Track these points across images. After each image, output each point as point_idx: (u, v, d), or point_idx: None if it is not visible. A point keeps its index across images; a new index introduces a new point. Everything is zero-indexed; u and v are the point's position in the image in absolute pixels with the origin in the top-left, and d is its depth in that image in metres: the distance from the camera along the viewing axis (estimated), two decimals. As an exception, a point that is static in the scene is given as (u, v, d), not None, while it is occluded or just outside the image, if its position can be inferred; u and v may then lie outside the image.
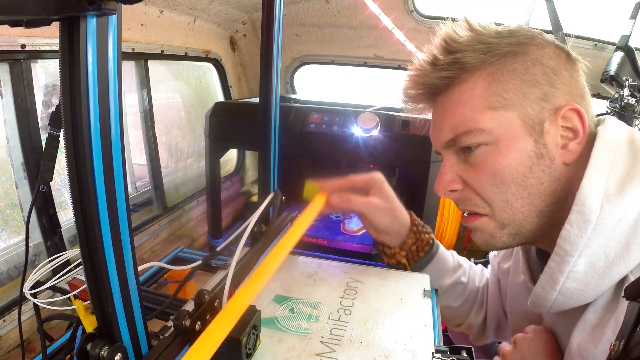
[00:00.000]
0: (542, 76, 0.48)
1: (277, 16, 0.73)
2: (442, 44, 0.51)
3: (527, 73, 0.48)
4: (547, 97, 0.48)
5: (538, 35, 0.51)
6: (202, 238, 1.55)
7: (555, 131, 0.48)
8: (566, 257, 0.45)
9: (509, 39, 0.49)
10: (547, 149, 0.48)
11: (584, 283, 0.45)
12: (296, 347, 0.51)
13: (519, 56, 0.48)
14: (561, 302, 0.47)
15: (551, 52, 0.49)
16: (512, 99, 0.48)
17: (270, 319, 0.56)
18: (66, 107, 0.32)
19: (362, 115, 1.18)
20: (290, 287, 0.64)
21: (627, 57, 1.22)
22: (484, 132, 0.48)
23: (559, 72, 0.48)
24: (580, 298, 0.46)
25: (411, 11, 1.46)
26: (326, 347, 0.51)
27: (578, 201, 0.44)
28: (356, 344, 0.52)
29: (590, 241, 0.44)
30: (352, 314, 0.58)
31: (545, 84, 0.48)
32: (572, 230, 0.44)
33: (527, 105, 0.48)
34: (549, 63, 0.48)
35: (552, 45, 0.50)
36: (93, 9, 0.28)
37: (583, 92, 0.50)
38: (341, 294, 0.62)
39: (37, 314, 0.49)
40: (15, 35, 0.79)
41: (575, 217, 0.44)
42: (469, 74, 0.49)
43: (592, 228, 0.43)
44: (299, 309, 0.58)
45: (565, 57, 0.50)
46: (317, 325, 0.55)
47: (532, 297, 0.51)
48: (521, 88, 0.48)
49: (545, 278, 0.48)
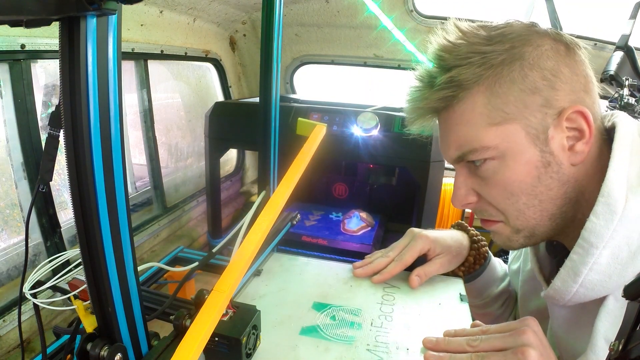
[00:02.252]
0: (542, 81, 0.46)
1: (277, 16, 0.73)
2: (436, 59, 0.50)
3: (525, 81, 0.46)
4: (549, 102, 0.46)
5: (533, 33, 0.48)
6: (202, 238, 1.55)
7: (560, 135, 0.47)
8: (591, 249, 0.45)
9: (502, 44, 0.47)
10: (554, 155, 0.47)
11: (607, 274, 0.45)
12: (343, 356, 0.50)
13: (515, 63, 0.46)
14: (582, 295, 0.47)
15: (548, 50, 0.47)
16: (513, 112, 0.47)
17: (313, 327, 0.55)
18: (66, 107, 0.32)
19: (362, 115, 1.18)
20: (327, 294, 0.63)
21: (627, 56, 1.22)
22: (489, 148, 0.48)
23: (559, 71, 0.46)
24: (602, 290, 0.46)
25: (411, 11, 1.46)
26: (374, 355, 0.50)
27: (604, 192, 0.44)
28: (403, 351, 0.51)
29: (615, 232, 0.44)
30: (393, 320, 0.57)
31: (546, 89, 0.46)
32: (597, 222, 0.44)
33: (529, 115, 0.47)
34: (547, 64, 0.46)
35: (549, 39, 0.48)
36: (93, 9, 0.28)
37: (587, 84, 0.48)
38: (379, 299, 0.62)
39: (37, 314, 0.49)
40: (15, 35, 0.79)
41: (602, 209, 0.44)
42: (467, 90, 0.48)
43: (617, 219, 0.44)
44: (340, 316, 0.57)
45: (565, 50, 0.48)
46: (360, 333, 0.54)
47: (550, 290, 0.50)
48: (521, 98, 0.46)
49: (567, 271, 0.47)
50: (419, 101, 0.52)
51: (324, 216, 1.55)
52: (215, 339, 0.45)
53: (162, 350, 0.43)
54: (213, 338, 0.44)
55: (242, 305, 0.50)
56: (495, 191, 0.50)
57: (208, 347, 0.43)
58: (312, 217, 1.54)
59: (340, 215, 1.55)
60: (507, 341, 0.46)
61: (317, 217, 1.55)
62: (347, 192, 1.71)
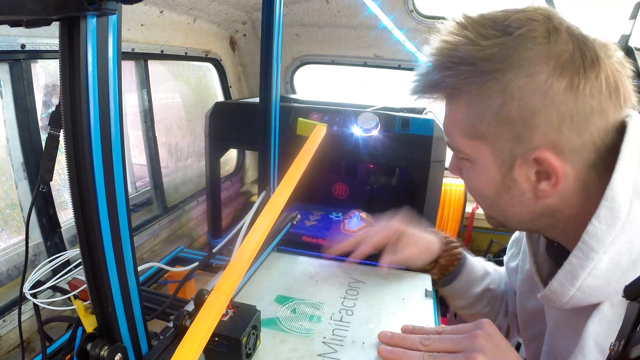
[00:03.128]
0: (518, 117, 0.43)
1: (277, 16, 0.73)
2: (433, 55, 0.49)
3: (501, 110, 0.44)
4: (520, 138, 0.44)
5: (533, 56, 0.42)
6: (202, 238, 1.55)
7: (527, 169, 0.46)
8: (590, 253, 0.44)
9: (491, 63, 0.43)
10: (517, 184, 0.47)
11: (606, 280, 0.44)
12: (298, 348, 0.51)
13: (498, 87, 0.44)
14: (579, 299, 0.46)
15: (541, 83, 0.42)
16: (484, 133, 0.47)
17: (272, 319, 0.56)
18: (66, 107, 0.32)
19: (362, 115, 1.18)
20: (291, 288, 0.64)
21: (627, 57, 1.22)
22: (463, 152, 0.51)
23: (543, 110, 0.42)
24: (600, 295, 0.45)
25: (411, 11, 1.46)
26: (328, 347, 0.51)
27: (608, 197, 0.43)
28: (358, 345, 0.52)
29: (617, 238, 0.43)
30: (354, 314, 0.58)
31: (520, 125, 0.44)
32: (599, 227, 0.43)
33: (498, 141, 0.46)
34: (531, 100, 0.42)
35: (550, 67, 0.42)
36: (93, 9, 0.28)
37: (583, 124, 0.43)
38: (343, 294, 0.62)
39: (37, 314, 0.49)
40: (15, 35, 0.79)
41: (604, 213, 0.43)
42: (454, 96, 0.49)
43: (620, 225, 0.42)
44: (301, 310, 0.58)
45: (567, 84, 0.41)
46: (319, 326, 0.55)
47: (547, 292, 0.50)
48: (494, 124, 0.45)
49: (565, 274, 0.47)
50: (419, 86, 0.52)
51: (324, 216, 1.55)
52: (215, 339, 0.45)
53: (162, 350, 0.43)
54: (213, 338, 0.44)
55: (242, 305, 0.50)
56: (467, 185, 0.54)
57: (208, 347, 0.43)
58: (312, 217, 1.54)
59: (340, 215, 1.55)
60: (459, 344, 0.47)
61: (317, 217, 1.55)
62: (347, 192, 1.71)
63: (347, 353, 0.50)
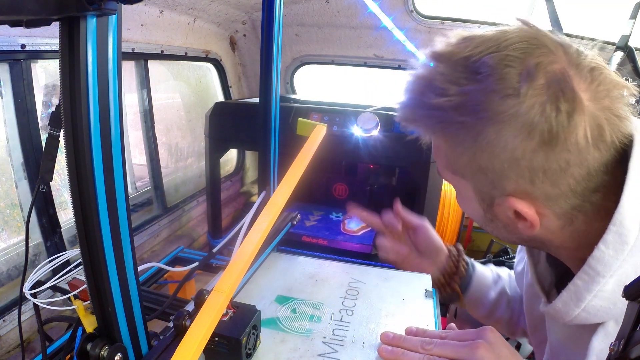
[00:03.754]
0: (489, 169, 0.44)
1: (277, 16, 0.73)
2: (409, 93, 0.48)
3: (474, 158, 0.44)
4: (494, 184, 0.45)
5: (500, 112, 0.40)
6: (202, 238, 1.55)
7: (505, 208, 0.46)
8: (597, 277, 0.43)
9: (461, 114, 0.42)
10: (498, 218, 0.48)
11: (612, 302, 0.43)
12: (298, 348, 0.51)
13: (470, 136, 0.43)
14: (583, 318, 0.46)
15: (509, 141, 0.40)
16: (464, 172, 0.48)
17: (272, 319, 0.56)
18: (66, 107, 0.32)
19: (362, 115, 1.18)
20: (291, 288, 0.64)
21: (627, 57, 1.22)
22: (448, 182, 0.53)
23: (513, 166, 0.42)
24: (605, 316, 0.44)
25: (411, 11, 1.46)
26: (328, 347, 0.51)
27: (617, 221, 0.41)
28: (358, 345, 0.52)
29: (624, 262, 0.42)
30: (354, 314, 0.58)
31: (492, 174, 0.44)
32: (607, 252, 0.42)
33: (477, 181, 0.47)
34: (500, 155, 0.42)
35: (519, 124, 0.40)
36: (93, 9, 0.28)
37: (557, 177, 0.41)
38: (343, 294, 0.62)
39: (37, 314, 0.49)
40: (15, 35, 0.79)
41: (612, 238, 0.42)
42: (435, 135, 0.49)
43: (629, 250, 0.41)
44: (301, 310, 0.58)
45: (537, 143, 0.40)
46: (319, 326, 0.55)
47: (550, 310, 0.49)
48: (470, 168, 0.46)
49: (569, 295, 0.46)
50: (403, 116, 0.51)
51: (324, 216, 1.55)
52: (215, 339, 0.45)
53: (162, 350, 0.43)
54: (213, 338, 0.44)
55: (242, 305, 0.50)
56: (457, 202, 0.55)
57: (208, 347, 0.43)
58: (312, 217, 1.54)
59: (340, 215, 1.55)
60: (459, 352, 0.46)
61: (317, 217, 1.55)
62: (347, 192, 1.70)
63: (347, 353, 0.50)
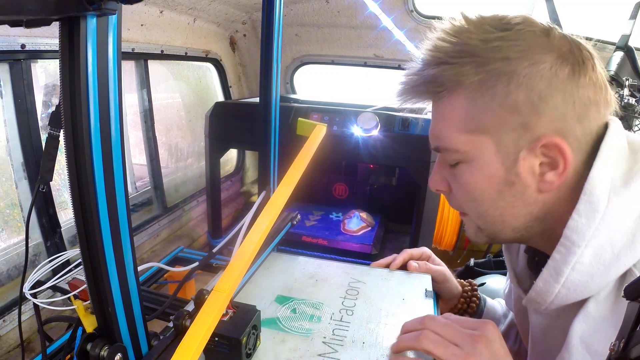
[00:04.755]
0: (525, 103, 0.44)
1: (277, 16, 0.73)
2: (431, 50, 0.48)
3: (507, 98, 0.44)
4: (527, 126, 0.44)
5: (537, 46, 0.44)
6: (202, 238, 1.55)
7: (532, 160, 0.46)
8: (573, 247, 0.45)
9: (497, 52, 0.44)
10: (520, 178, 0.47)
11: (589, 275, 0.45)
12: (298, 348, 0.51)
13: (503, 76, 0.44)
14: (564, 296, 0.47)
15: (546, 70, 0.43)
16: (488, 124, 0.46)
17: (272, 319, 0.56)
18: (66, 107, 0.32)
19: (362, 115, 1.18)
20: (292, 288, 0.64)
21: (627, 57, 1.22)
22: (459, 152, 0.49)
23: (549, 96, 0.43)
24: (585, 291, 0.46)
25: (411, 11, 1.46)
26: (328, 347, 0.51)
27: (587, 191, 0.44)
28: (358, 345, 0.52)
29: (597, 231, 0.44)
30: (354, 314, 0.58)
31: (527, 112, 0.44)
32: (579, 220, 0.44)
33: (503, 132, 0.46)
34: (537, 86, 0.43)
35: (554, 55, 0.44)
36: (93, 9, 0.28)
37: (584, 112, 0.45)
38: (343, 294, 0.62)
39: (37, 314, 0.49)
40: (15, 35, 0.79)
41: (584, 207, 0.44)
42: (451, 91, 0.47)
43: (600, 218, 0.43)
44: (301, 310, 0.58)
45: (568, 72, 0.44)
46: (319, 326, 0.55)
47: (532, 292, 0.50)
48: (499, 114, 0.45)
49: (549, 271, 0.47)
50: (408, 85, 0.51)
51: (324, 216, 1.55)
52: (215, 339, 0.45)
53: (162, 350, 0.43)
54: (213, 338, 0.44)
55: (242, 305, 0.50)
56: (460, 191, 0.52)
57: (208, 347, 0.43)
58: (312, 217, 1.54)
59: (340, 215, 1.55)
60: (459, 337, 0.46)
61: (317, 217, 1.55)
62: (347, 192, 1.71)
63: (347, 353, 0.50)
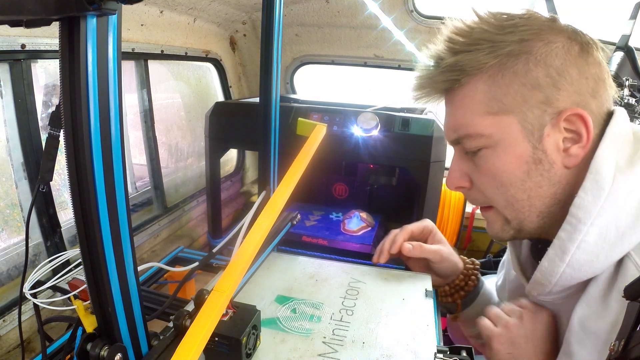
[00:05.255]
0: (545, 78, 0.46)
1: (277, 16, 0.73)
2: (446, 42, 0.50)
3: (528, 75, 0.46)
4: (550, 100, 0.46)
5: (547, 28, 0.47)
6: (202, 238, 1.55)
7: (557, 135, 0.47)
8: (579, 225, 0.45)
9: (513, 35, 0.47)
10: (547, 154, 0.48)
11: (594, 254, 0.45)
12: (298, 348, 0.51)
13: (522, 56, 0.46)
14: (568, 276, 0.47)
15: (559, 48, 0.46)
16: (511, 104, 0.47)
17: (272, 319, 0.56)
18: (66, 107, 0.32)
19: (362, 115, 1.18)
20: (291, 288, 0.64)
21: (627, 57, 1.22)
22: (484, 136, 0.49)
23: (565, 71, 0.46)
24: (589, 270, 0.46)
25: (411, 11, 1.46)
26: (328, 347, 0.51)
27: (593, 169, 0.45)
28: (358, 345, 0.52)
29: (602, 210, 0.44)
30: (354, 314, 0.58)
31: (548, 87, 0.46)
32: (586, 198, 0.45)
33: (527, 109, 0.47)
34: (554, 62, 0.46)
35: (563, 37, 0.47)
36: (93, 9, 0.28)
37: (597, 88, 0.47)
38: (343, 294, 0.62)
39: (37, 314, 0.49)
40: (15, 35, 0.79)
41: (590, 185, 0.45)
42: (471, 77, 0.49)
43: (605, 196, 0.44)
44: (301, 310, 0.58)
45: (578, 50, 0.47)
46: (319, 326, 0.55)
47: (537, 273, 0.50)
48: (521, 92, 0.47)
49: (554, 250, 0.47)
50: (425, 79, 0.52)
51: (324, 216, 1.55)
52: (215, 339, 0.45)
53: (162, 350, 0.43)
54: (213, 338, 0.44)
55: (242, 305, 0.50)
56: (486, 179, 0.51)
57: (208, 347, 0.43)
58: (312, 217, 1.54)
59: (340, 215, 1.55)
60: None
61: (317, 217, 1.55)
62: (347, 192, 1.70)
63: (347, 353, 0.50)
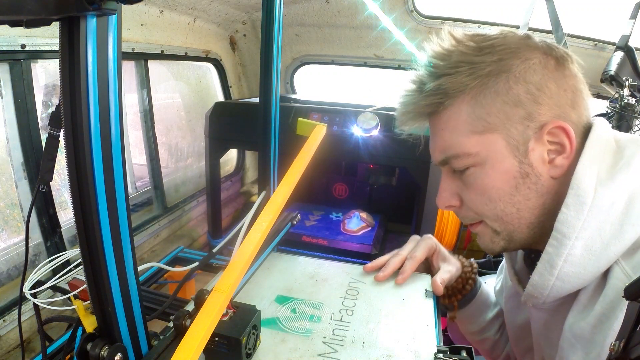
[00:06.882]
0: (526, 95, 0.47)
1: (277, 16, 0.73)
2: (427, 66, 0.51)
3: (509, 93, 0.47)
4: (531, 115, 0.47)
5: (523, 46, 0.49)
6: (202, 238, 1.55)
7: (541, 148, 0.48)
8: (564, 240, 0.46)
9: (491, 55, 0.48)
10: (533, 167, 0.49)
11: (582, 266, 0.46)
12: (298, 348, 0.51)
13: (501, 75, 0.48)
14: (559, 288, 0.48)
15: (536, 64, 0.48)
16: (495, 122, 0.48)
17: (272, 319, 0.56)
18: (66, 107, 0.32)
19: (362, 115, 1.18)
20: (292, 288, 0.64)
21: (627, 57, 1.22)
22: (471, 155, 0.50)
23: (544, 86, 0.47)
24: (578, 282, 0.47)
25: (411, 11, 1.46)
26: (328, 347, 0.51)
27: (574, 185, 0.46)
28: (358, 345, 0.52)
29: (586, 223, 0.45)
30: (354, 314, 0.58)
31: (529, 103, 0.47)
32: (568, 213, 0.46)
33: (510, 126, 0.48)
34: (533, 78, 0.47)
35: (539, 53, 0.48)
36: (93, 9, 0.28)
37: (575, 99, 0.49)
38: (343, 294, 0.62)
39: (37, 314, 0.49)
40: (15, 35, 0.79)
41: (572, 200, 0.46)
42: (454, 98, 0.50)
43: (587, 210, 0.45)
44: (301, 310, 0.58)
45: (554, 64, 0.48)
46: (319, 326, 0.55)
47: (529, 287, 0.51)
48: (504, 110, 0.48)
49: (543, 265, 0.49)
50: (409, 105, 0.53)
51: (324, 216, 1.55)
52: (215, 339, 0.45)
53: (162, 350, 0.43)
54: (213, 338, 0.44)
55: (242, 305, 0.50)
56: (475, 196, 0.52)
57: (208, 347, 0.43)
58: (312, 217, 1.54)
59: (340, 215, 1.55)
60: None
61: (317, 217, 1.55)
62: (347, 192, 1.71)
63: (347, 353, 0.50)
